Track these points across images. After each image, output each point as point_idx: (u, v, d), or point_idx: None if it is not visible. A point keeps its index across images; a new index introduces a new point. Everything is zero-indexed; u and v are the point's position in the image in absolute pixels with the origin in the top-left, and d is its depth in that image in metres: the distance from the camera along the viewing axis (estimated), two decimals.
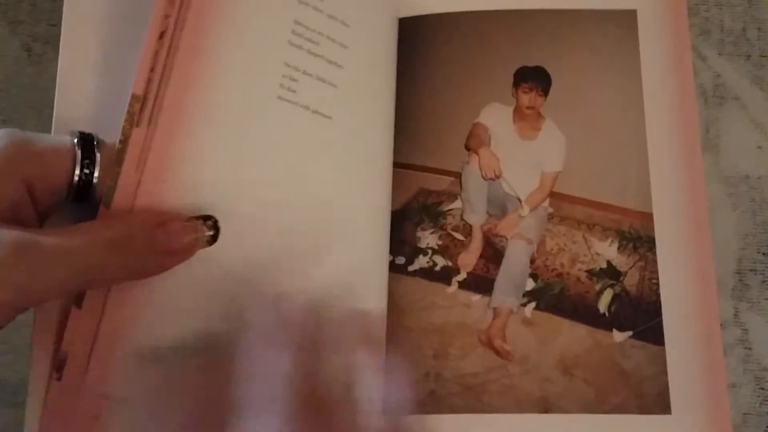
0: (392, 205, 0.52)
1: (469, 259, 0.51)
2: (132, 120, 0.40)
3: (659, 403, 0.47)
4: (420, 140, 0.53)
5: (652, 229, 0.49)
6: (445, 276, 0.51)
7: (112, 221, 0.39)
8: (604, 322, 0.49)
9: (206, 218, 0.41)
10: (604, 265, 0.50)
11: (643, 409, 0.47)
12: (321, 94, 0.48)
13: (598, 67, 0.53)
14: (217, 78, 0.43)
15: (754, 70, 0.57)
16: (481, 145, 0.53)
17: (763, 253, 0.54)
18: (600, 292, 0.49)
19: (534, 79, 0.53)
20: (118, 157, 0.39)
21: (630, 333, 0.48)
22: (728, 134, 0.56)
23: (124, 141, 0.40)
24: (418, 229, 0.52)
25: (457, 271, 0.51)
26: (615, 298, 0.49)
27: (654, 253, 0.49)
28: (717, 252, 0.53)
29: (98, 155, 0.40)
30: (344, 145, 0.49)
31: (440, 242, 0.52)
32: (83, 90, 0.45)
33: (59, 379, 0.39)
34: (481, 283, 0.51)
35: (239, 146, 0.44)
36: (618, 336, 0.48)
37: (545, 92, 0.52)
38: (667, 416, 0.47)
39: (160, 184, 0.40)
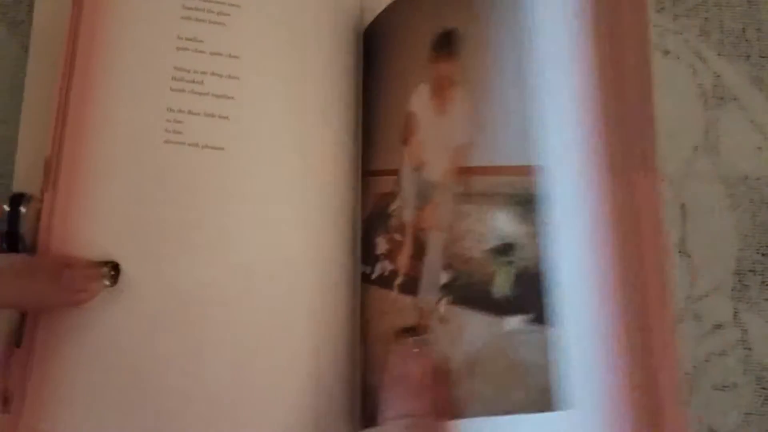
0: (363, 215, 0.52)
1: (403, 260, 0.48)
2: (47, 183, 0.48)
3: (555, 397, 0.38)
4: (375, 144, 0.52)
5: (545, 187, 0.41)
6: (389, 281, 0.49)
7: (23, 255, 0.47)
8: (502, 309, 0.42)
9: (107, 262, 0.47)
10: (504, 241, 0.43)
11: (541, 405, 0.39)
12: (210, 129, 0.50)
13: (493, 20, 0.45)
14: (106, 134, 0.49)
15: (754, 71, 0.58)
16: (410, 136, 0.49)
17: (763, 254, 0.54)
18: (496, 273, 0.42)
19: (442, 44, 0.48)
20: (36, 217, 0.47)
21: (524, 317, 0.41)
22: (728, 135, 0.57)
23: (41, 203, 0.48)
24: (377, 235, 0.51)
25: (397, 274, 0.49)
26: (513, 278, 0.42)
27: (546, 216, 0.40)
28: (716, 253, 0.55)
29: (23, 211, 0.47)
30: (246, 173, 0.50)
31: (387, 246, 0.50)
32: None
33: (8, 412, 0.46)
34: (412, 283, 0.47)
35: (136, 195, 0.49)
36: (512, 322, 0.41)
37: (456, 57, 0.47)
38: (564, 412, 0.38)
39: (66, 240, 0.47)
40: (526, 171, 0.41)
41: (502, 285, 0.41)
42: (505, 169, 0.42)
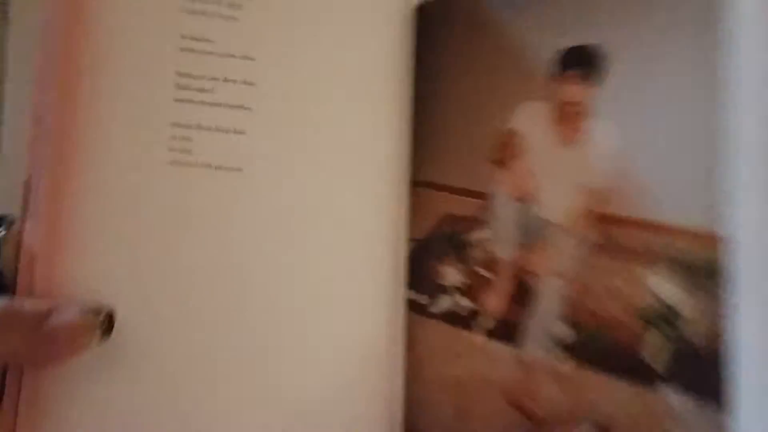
0: (414, 233, 0.44)
1: (497, 302, 0.42)
2: (27, 208, 0.39)
3: None
4: (443, 154, 0.45)
5: (726, 259, 0.37)
6: (470, 321, 0.42)
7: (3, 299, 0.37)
8: (658, 381, 0.37)
9: (100, 310, 0.38)
10: (659, 306, 0.38)
11: None
12: (224, 146, 0.42)
13: (672, 39, 0.40)
14: (94, 158, 0.40)
15: None
16: (513, 158, 0.43)
17: None
18: (654, 343, 0.38)
19: (577, 62, 0.42)
20: (16, 246, 0.39)
21: (690, 395, 0.37)
22: None
23: (22, 232, 0.39)
24: (442, 263, 0.44)
25: (484, 316, 0.42)
26: (671, 348, 0.38)
27: (726, 291, 0.37)
28: None
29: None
30: (269, 197, 0.43)
31: (466, 280, 0.43)
32: None
33: None
34: (510, 330, 0.41)
35: (133, 227, 0.40)
36: (673, 398, 0.37)
37: (595, 81, 0.41)
38: None
39: (50, 279, 0.39)
40: (702, 236, 0.37)
41: (659, 355, 0.37)
42: (672, 229, 0.39)
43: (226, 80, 0.43)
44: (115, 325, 0.38)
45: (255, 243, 0.42)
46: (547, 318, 0.40)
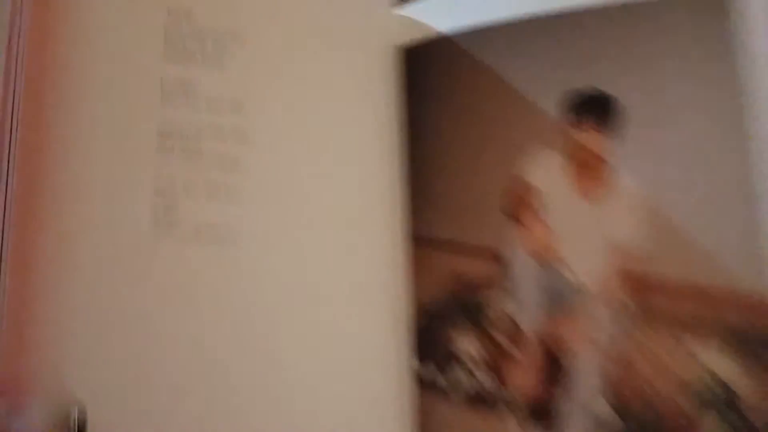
0: (419, 296, 0.39)
1: (526, 379, 0.38)
2: None
3: None
4: (446, 208, 0.39)
5: None
6: (494, 402, 0.38)
7: None
8: None
9: (69, 414, 0.34)
10: (711, 383, 0.34)
11: None
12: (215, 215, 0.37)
13: (683, 80, 0.36)
14: (63, 219, 0.36)
15: None
16: (527, 212, 0.38)
17: None
18: (707, 423, 0.34)
19: (591, 110, 0.37)
20: None
21: None
22: None
23: None
24: (454, 331, 0.39)
25: (512, 396, 0.37)
26: (729, 429, 0.34)
27: None
28: None
29: None
30: (266, 268, 0.38)
31: (483, 352, 0.38)
32: None
33: None
34: (541, 412, 0.37)
35: (107, 309, 0.36)
36: None
37: (610, 128, 0.36)
38: None
39: (16, 370, 0.34)
40: (757, 302, 0.33)
41: None
42: (721, 294, 0.34)
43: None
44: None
45: (247, 325, 0.38)
46: (586, 399, 0.36)
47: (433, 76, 0.41)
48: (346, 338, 0.39)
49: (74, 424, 0.34)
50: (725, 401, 0.34)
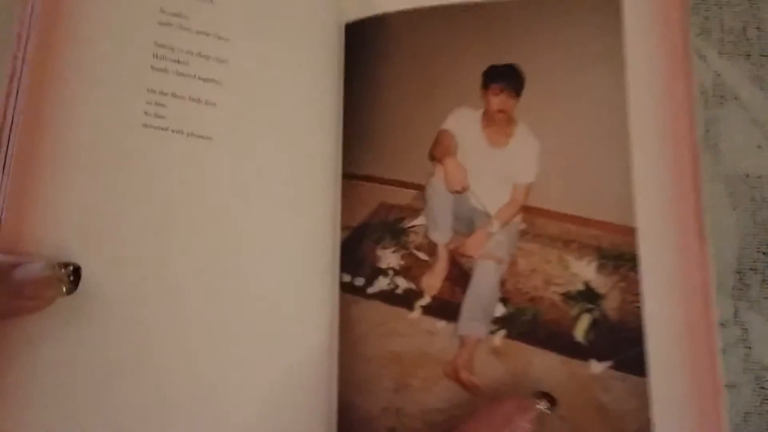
0: (350, 221, 0.48)
1: (433, 282, 0.46)
2: None
3: None
4: (381, 150, 0.49)
5: (635, 246, 0.43)
6: (407, 300, 0.46)
7: None
8: (581, 351, 0.43)
9: (66, 265, 0.38)
10: (582, 287, 0.44)
11: None
12: (196, 115, 0.44)
13: (577, 62, 0.47)
14: (69, 116, 0.40)
15: (754, 70, 0.56)
16: (446, 155, 0.48)
17: (763, 252, 0.53)
18: (576, 318, 0.44)
19: (504, 78, 0.48)
20: None
21: (609, 363, 0.43)
22: (728, 134, 0.55)
23: None
24: (379, 247, 0.47)
25: (421, 295, 0.46)
26: (593, 324, 0.44)
27: (637, 273, 0.43)
28: (717, 251, 0.53)
29: None
30: (235, 165, 0.45)
31: (402, 262, 0.47)
32: None
33: None
34: (446, 308, 0.46)
35: (103, 186, 0.41)
36: (596, 366, 0.43)
37: (517, 93, 0.47)
38: None
39: (17, 235, 0.38)
40: (615, 227, 0.44)
41: (581, 330, 0.44)
42: (588, 221, 0.45)
43: (200, 55, 0.45)
44: (81, 280, 0.38)
45: (214, 208, 0.44)
46: (482, 294, 0.45)
47: (374, 47, 0.50)
48: (289, 249, 0.46)
49: (69, 279, 0.38)
50: (590, 300, 0.44)
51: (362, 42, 0.50)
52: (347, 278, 0.48)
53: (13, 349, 0.38)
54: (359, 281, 0.47)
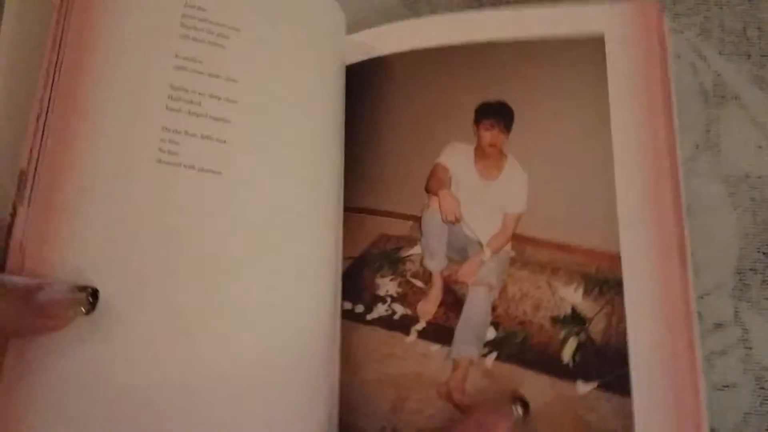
0: (352, 252, 0.50)
1: (428, 307, 0.49)
2: (21, 196, 0.42)
3: None
4: (379, 184, 0.52)
5: (620, 272, 0.46)
6: (403, 325, 0.49)
7: None
8: (568, 373, 0.45)
9: (85, 288, 0.41)
10: (569, 312, 0.47)
11: None
12: (207, 151, 0.46)
13: (563, 99, 0.50)
14: (90, 152, 0.43)
15: (755, 70, 0.57)
16: (441, 187, 0.50)
17: (764, 253, 0.53)
18: (564, 341, 0.46)
19: (495, 114, 0.51)
20: (7, 232, 0.41)
21: (595, 384, 0.45)
22: (728, 134, 0.56)
23: (12, 217, 0.42)
24: (378, 276, 0.50)
25: (416, 320, 0.49)
26: (580, 346, 0.46)
27: (622, 297, 0.45)
28: (717, 252, 0.54)
29: None
30: (243, 197, 0.47)
31: (399, 290, 0.50)
32: None
33: None
34: (440, 332, 0.48)
35: (119, 216, 0.43)
36: (582, 387, 0.45)
37: (507, 128, 0.50)
38: None
39: (41, 261, 0.41)
40: (600, 254, 0.46)
41: (568, 352, 0.46)
42: (574, 248, 0.47)
43: (211, 96, 0.47)
44: (98, 303, 0.41)
45: (224, 238, 0.46)
46: (474, 319, 0.48)
47: (373, 87, 0.53)
48: (294, 279, 0.48)
49: (88, 301, 0.40)
50: (577, 323, 0.46)
51: (362, 82, 0.53)
52: (348, 306, 0.50)
53: (34, 363, 0.40)
54: (359, 308, 0.50)
